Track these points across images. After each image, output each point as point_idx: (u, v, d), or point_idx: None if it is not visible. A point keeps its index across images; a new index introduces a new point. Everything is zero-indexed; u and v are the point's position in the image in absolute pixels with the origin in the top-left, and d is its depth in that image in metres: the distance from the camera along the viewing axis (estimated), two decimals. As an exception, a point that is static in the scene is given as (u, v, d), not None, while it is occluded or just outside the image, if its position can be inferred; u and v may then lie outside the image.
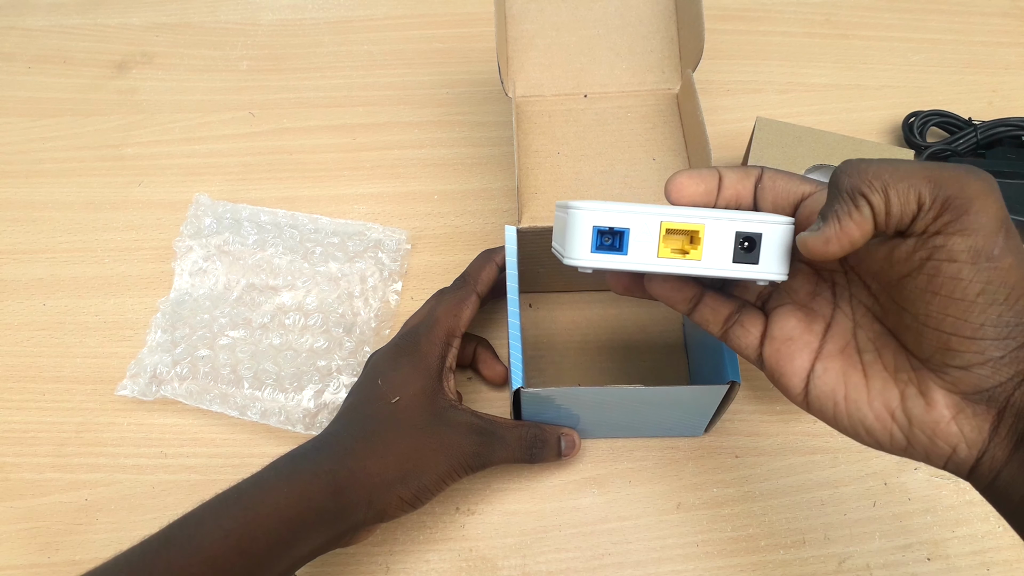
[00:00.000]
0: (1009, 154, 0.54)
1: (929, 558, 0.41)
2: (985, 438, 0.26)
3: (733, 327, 0.32)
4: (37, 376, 0.49)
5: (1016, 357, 0.25)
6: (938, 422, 0.26)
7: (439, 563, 0.42)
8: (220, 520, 0.35)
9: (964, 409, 0.26)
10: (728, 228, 0.28)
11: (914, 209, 0.25)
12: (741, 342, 0.31)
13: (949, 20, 0.65)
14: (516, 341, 0.40)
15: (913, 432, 0.27)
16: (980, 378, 0.25)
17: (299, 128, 0.60)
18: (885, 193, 0.25)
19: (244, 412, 0.46)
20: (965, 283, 0.24)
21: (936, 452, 0.27)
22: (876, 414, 0.28)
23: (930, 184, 0.24)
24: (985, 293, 0.24)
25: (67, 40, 0.66)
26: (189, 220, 0.53)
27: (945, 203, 0.24)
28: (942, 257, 0.24)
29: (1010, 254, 0.24)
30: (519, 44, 0.50)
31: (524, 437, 0.41)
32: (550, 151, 0.47)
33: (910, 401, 0.27)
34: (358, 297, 0.50)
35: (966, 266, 0.24)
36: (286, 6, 0.67)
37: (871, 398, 0.28)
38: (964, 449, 0.26)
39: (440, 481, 0.39)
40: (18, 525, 0.44)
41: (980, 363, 0.25)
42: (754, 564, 0.42)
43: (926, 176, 0.24)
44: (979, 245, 0.24)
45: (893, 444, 0.28)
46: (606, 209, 0.28)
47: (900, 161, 0.25)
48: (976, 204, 0.24)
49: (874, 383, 0.28)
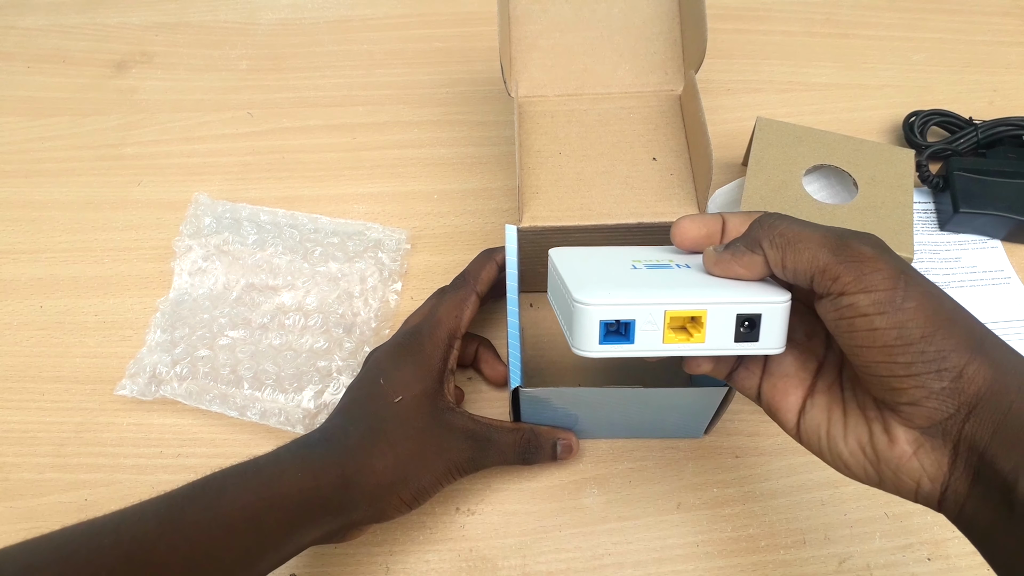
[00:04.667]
0: (1009, 154, 0.54)
1: (929, 558, 0.41)
2: (945, 472, 0.27)
3: (739, 370, 0.33)
4: (37, 376, 0.49)
5: (956, 389, 0.26)
6: (900, 458, 0.28)
7: (439, 563, 0.42)
8: (240, 491, 0.35)
9: (923, 444, 0.27)
10: (729, 312, 0.30)
11: (807, 269, 0.28)
12: (745, 383, 0.33)
13: (950, 20, 0.65)
14: (515, 341, 0.40)
15: (881, 468, 0.29)
16: (930, 411, 0.27)
17: (299, 128, 0.60)
18: (783, 250, 0.29)
19: (244, 412, 0.46)
20: (881, 332, 0.26)
21: (903, 486, 0.28)
22: (851, 450, 0.30)
23: (825, 249, 0.28)
24: (901, 336, 0.26)
25: (66, 40, 0.66)
26: (188, 220, 0.53)
27: (843, 267, 0.27)
28: (853, 314, 0.27)
29: (913, 299, 0.26)
30: (522, 45, 0.50)
31: (518, 442, 0.42)
32: (552, 151, 0.47)
33: (876, 437, 0.29)
34: (358, 297, 0.50)
35: (876, 317, 0.26)
36: (286, 6, 0.67)
37: (847, 434, 0.30)
38: (927, 483, 0.28)
39: (436, 483, 0.39)
40: (18, 525, 0.44)
41: (925, 396, 0.26)
42: (754, 564, 0.42)
43: (823, 243, 0.28)
44: (882, 299, 0.26)
45: (868, 478, 0.30)
46: (612, 303, 0.30)
47: (810, 225, 0.29)
48: (869, 265, 0.27)
49: (850, 419, 0.30)
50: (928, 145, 0.55)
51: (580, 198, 0.45)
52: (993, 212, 0.51)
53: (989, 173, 0.52)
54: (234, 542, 0.34)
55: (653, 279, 0.32)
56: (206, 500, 0.34)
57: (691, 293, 0.30)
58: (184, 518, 0.33)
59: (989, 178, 0.52)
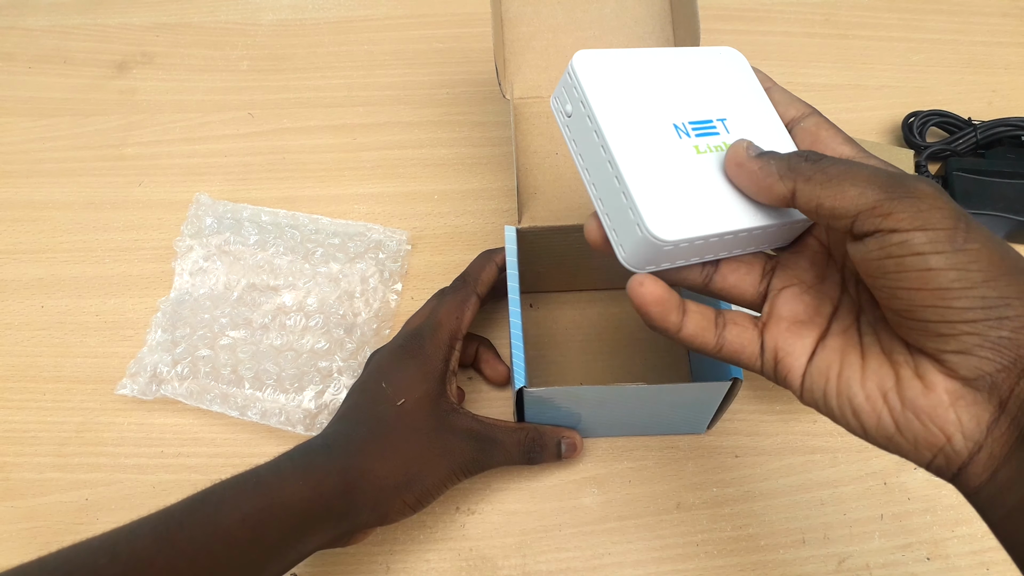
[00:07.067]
0: (1009, 154, 0.54)
1: (929, 558, 0.42)
2: (984, 431, 0.25)
3: (728, 327, 0.30)
4: (37, 376, 0.49)
5: (1016, 340, 0.24)
6: (935, 407, 0.25)
7: (439, 563, 0.42)
8: (239, 503, 0.35)
9: (964, 396, 0.25)
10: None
11: (851, 207, 0.25)
12: (741, 339, 0.30)
13: (949, 20, 0.65)
14: (518, 341, 0.40)
15: (905, 416, 0.26)
16: (981, 360, 0.24)
17: (299, 128, 0.60)
18: (822, 187, 0.26)
19: (244, 412, 0.46)
20: (937, 272, 0.24)
21: (927, 441, 0.25)
22: (867, 394, 0.27)
23: (874, 187, 0.25)
24: (960, 279, 0.24)
25: (67, 40, 0.66)
26: (189, 220, 0.53)
27: (898, 203, 0.24)
28: (905, 252, 0.24)
29: (975, 241, 0.24)
30: (516, 46, 0.50)
31: (522, 441, 0.42)
32: (548, 151, 0.47)
33: (906, 383, 0.26)
34: (359, 298, 0.50)
35: (933, 256, 0.24)
36: (286, 6, 0.67)
37: (865, 378, 0.27)
38: (960, 440, 0.25)
39: (440, 485, 0.39)
40: (18, 525, 0.44)
41: (978, 345, 0.24)
42: (754, 564, 0.42)
43: (871, 180, 0.25)
44: (942, 237, 0.24)
45: (879, 429, 0.26)
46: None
47: (855, 164, 0.26)
48: (927, 202, 0.24)
49: (870, 363, 0.27)
50: (927, 145, 0.55)
51: (578, 198, 0.45)
52: (992, 212, 0.51)
53: (988, 173, 0.53)
54: (235, 555, 0.34)
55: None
56: (204, 514, 0.34)
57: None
58: (182, 534, 0.33)
59: (988, 178, 0.52)
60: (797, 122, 0.31)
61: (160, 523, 0.34)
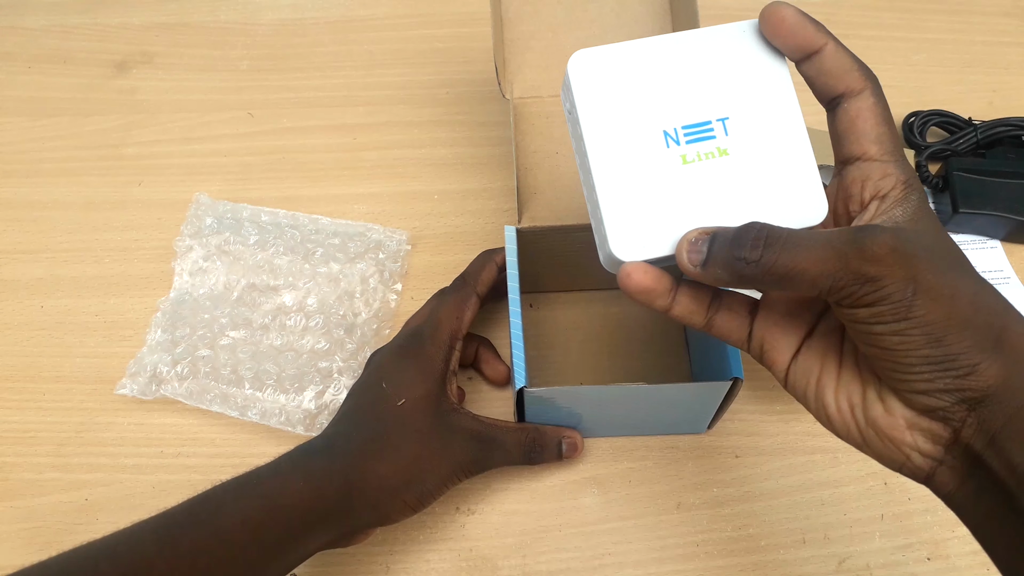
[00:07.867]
0: (1009, 154, 0.54)
1: (929, 558, 0.42)
2: (941, 451, 0.26)
3: (720, 313, 0.31)
4: (37, 376, 0.49)
5: (963, 385, 0.25)
6: (894, 428, 0.27)
7: (439, 563, 0.42)
8: (240, 505, 0.35)
9: (919, 423, 0.27)
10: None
11: (806, 291, 0.26)
12: (730, 325, 0.31)
13: (949, 20, 0.65)
14: (518, 341, 0.40)
15: (868, 432, 0.28)
16: (930, 399, 0.26)
17: (299, 128, 0.60)
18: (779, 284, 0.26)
19: (244, 412, 0.46)
20: (881, 337, 0.25)
21: (889, 456, 0.28)
22: (838, 405, 0.28)
23: (827, 272, 0.25)
24: (903, 343, 0.25)
25: (67, 40, 0.66)
26: (189, 220, 0.53)
27: (849, 284, 0.25)
28: (854, 319, 0.26)
29: (921, 307, 0.25)
30: (516, 46, 0.50)
31: (523, 441, 0.42)
32: (548, 151, 0.47)
33: (870, 403, 0.28)
34: (359, 298, 0.50)
35: (876, 326, 0.25)
36: (286, 6, 0.67)
37: (838, 388, 0.29)
38: (918, 458, 0.27)
39: (441, 485, 0.39)
40: (18, 525, 0.44)
41: (927, 390, 0.26)
42: (754, 564, 0.42)
43: (825, 260, 0.25)
44: (885, 312, 0.25)
45: (849, 438, 0.29)
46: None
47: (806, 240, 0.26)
48: (882, 267, 0.24)
49: (844, 374, 0.29)
50: (927, 145, 0.55)
51: (578, 197, 0.45)
52: (992, 212, 0.51)
53: (988, 173, 0.53)
54: (235, 557, 0.34)
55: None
56: (204, 516, 0.34)
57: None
58: (183, 536, 0.33)
59: (988, 178, 0.52)
60: (842, 100, 0.28)
61: (160, 526, 0.34)
